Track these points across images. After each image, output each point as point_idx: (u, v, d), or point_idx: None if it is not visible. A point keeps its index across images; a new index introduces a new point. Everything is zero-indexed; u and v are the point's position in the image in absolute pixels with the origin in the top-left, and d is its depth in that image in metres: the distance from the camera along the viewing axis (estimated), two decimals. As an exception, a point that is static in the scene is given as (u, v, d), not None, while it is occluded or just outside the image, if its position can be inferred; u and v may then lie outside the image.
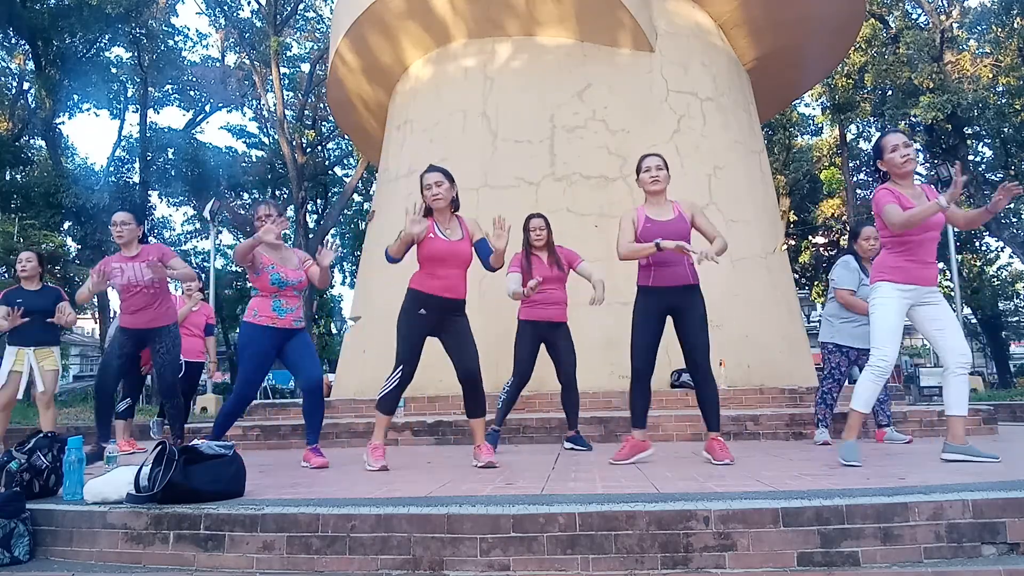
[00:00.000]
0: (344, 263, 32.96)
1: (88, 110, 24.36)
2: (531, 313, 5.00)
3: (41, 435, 3.49)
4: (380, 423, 4.14)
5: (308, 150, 24.70)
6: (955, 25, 21.75)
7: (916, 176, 3.97)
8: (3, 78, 23.26)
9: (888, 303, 3.80)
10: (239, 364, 4.50)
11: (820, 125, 27.19)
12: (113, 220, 5.13)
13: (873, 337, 3.84)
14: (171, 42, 25.27)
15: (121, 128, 24.88)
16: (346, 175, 28.67)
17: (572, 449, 5.04)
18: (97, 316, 25.34)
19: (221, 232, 26.65)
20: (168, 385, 5.18)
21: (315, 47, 26.08)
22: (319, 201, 29.22)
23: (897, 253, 3.85)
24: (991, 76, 20.92)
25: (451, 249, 4.07)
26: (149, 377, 7.37)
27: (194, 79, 25.85)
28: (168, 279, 5.21)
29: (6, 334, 5.79)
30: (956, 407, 3.74)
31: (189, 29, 44.66)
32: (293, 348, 4.48)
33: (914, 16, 23.14)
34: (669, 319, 4.13)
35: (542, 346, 5.08)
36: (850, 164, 25.27)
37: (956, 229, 20.23)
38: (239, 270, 23.29)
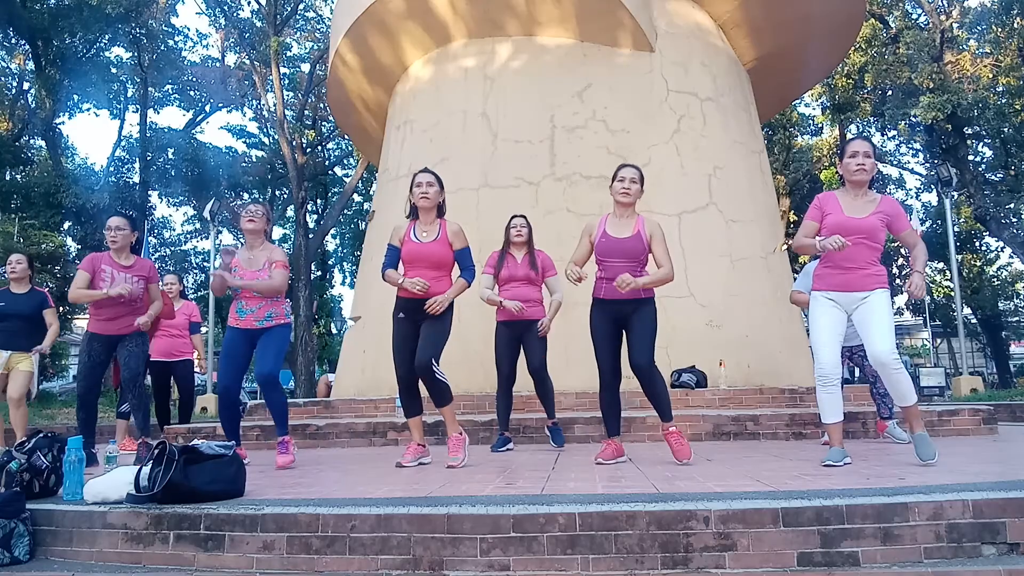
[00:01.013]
0: (344, 263, 32.98)
1: (88, 110, 24.35)
2: (501, 314, 5.15)
3: (41, 435, 3.49)
4: (409, 425, 4.38)
5: (308, 150, 24.68)
6: (955, 25, 21.73)
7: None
8: (3, 78, 23.25)
9: (815, 311, 3.90)
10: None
11: (820, 125, 27.16)
12: (108, 225, 5.06)
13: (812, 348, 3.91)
14: (171, 42, 25.24)
15: (121, 128, 24.89)
16: (346, 175, 28.67)
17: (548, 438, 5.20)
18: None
19: (221, 232, 26.61)
20: (130, 376, 5.08)
21: (315, 47, 26.06)
22: (319, 201, 29.21)
23: (820, 260, 3.94)
24: (991, 76, 20.90)
25: (420, 250, 4.18)
26: (148, 377, 7.39)
27: (194, 79, 25.83)
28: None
29: None
30: (901, 400, 3.81)
31: (189, 29, 44.57)
32: (258, 345, 4.58)
33: (914, 16, 23.12)
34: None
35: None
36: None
37: (956, 229, 20.29)
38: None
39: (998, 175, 23.14)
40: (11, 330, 5.61)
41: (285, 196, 27.63)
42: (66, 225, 22.21)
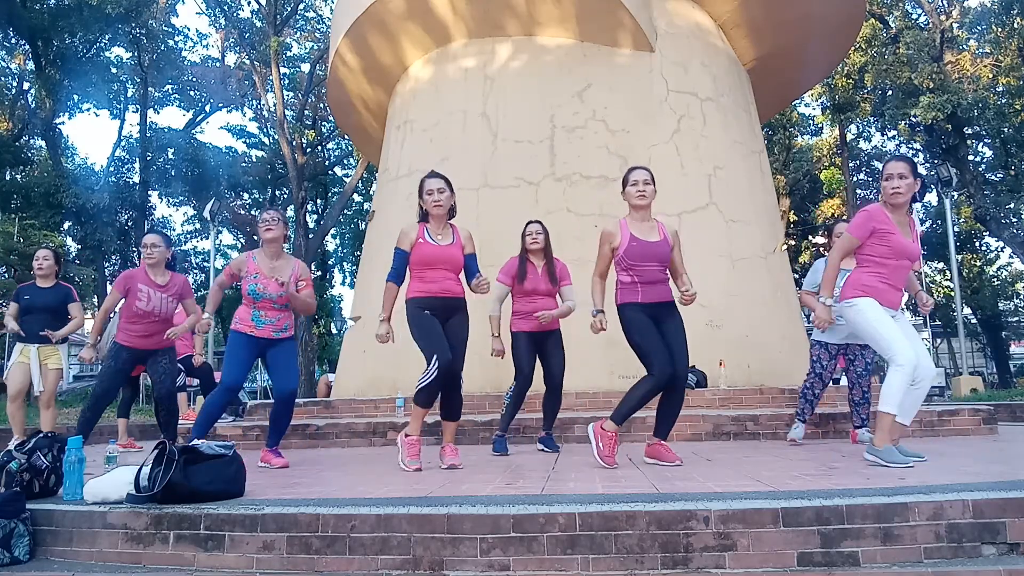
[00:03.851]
0: (344, 263, 32.97)
1: (88, 110, 24.37)
2: (523, 324, 5.05)
3: (41, 435, 3.49)
4: (415, 415, 4.16)
5: (308, 150, 24.68)
6: (955, 25, 21.73)
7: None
8: (3, 78, 23.26)
9: (876, 313, 3.82)
10: (223, 366, 4.53)
11: (820, 125, 27.18)
12: (144, 242, 5.14)
13: (886, 347, 3.77)
14: (171, 42, 25.25)
15: (121, 128, 24.90)
16: (346, 175, 28.67)
17: (542, 450, 5.09)
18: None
19: (221, 232, 26.65)
20: (166, 393, 5.22)
21: (315, 47, 26.07)
22: (319, 201, 29.21)
23: (872, 273, 3.89)
24: (991, 76, 20.91)
25: (440, 253, 4.13)
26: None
27: (194, 79, 25.85)
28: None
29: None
30: (907, 416, 3.82)
31: (189, 29, 44.65)
32: (273, 357, 4.59)
33: (914, 16, 23.12)
34: None
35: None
36: (850, 164, 25.28)
37: (956, 229, 20.30)
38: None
39: (998, 175, 23.14)
40: (36, 323, 5.73)
41: (285, 196, 27.63)
42: (66, 225, 22.23)
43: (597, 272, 4.13)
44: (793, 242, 26.44)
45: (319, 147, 26.82)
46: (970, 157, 22.17)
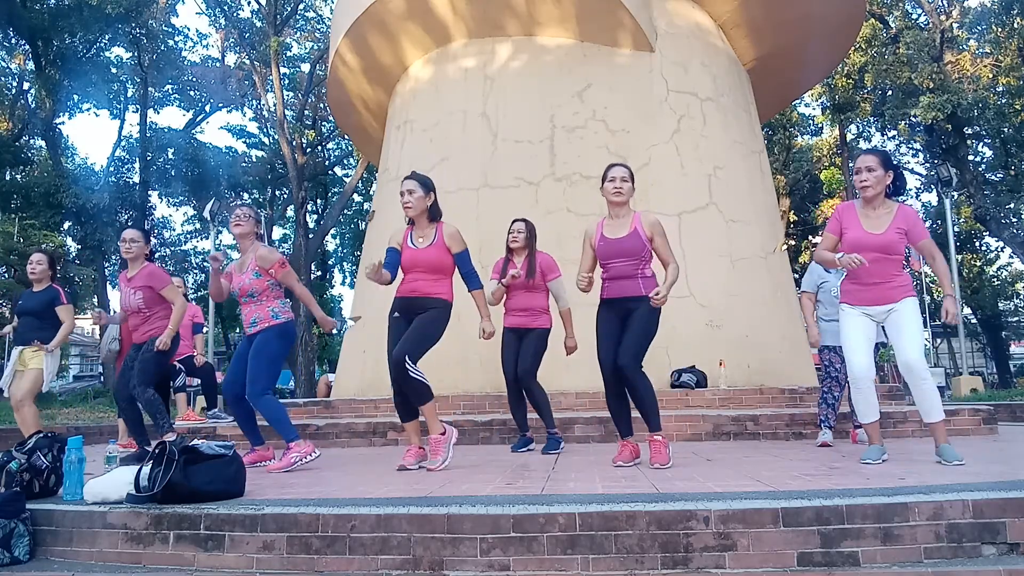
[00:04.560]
0: (344, 263, 32.98)
1: (88, 110, 24.37)
2: (507, 320, 5.17)
3: (41, 435, 3.49)
4: (407, 430, 4.30)
5: (308, 150, 24.68)
6: (955, 25, 21.74)
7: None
8: (3, 78, 23.25)
9: (845, 321, 3.99)
10: None
11: (820, 125, 27.20)
12: (122, 237, 5.14)
13: (844, 355, 4.03)
14: (171, 42, 25.25)
15: (121, 128, 24.89)
16: (346, 175, 28.68)
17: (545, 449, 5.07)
18: (97, 316, 25.31)
19: (221, 232, 26.64)
20: (135, 384, 4.99)
21: (315, 47, 26.08)
22: (319, 201, 29.23)
23: (847, 277, 3.99)
24: (991, 76, 20.92)
25: (415, 257, 4.13)
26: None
27: (194, 79, 25.85)
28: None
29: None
30: (926, 415, 3.85)
31: (189, 29, 44.69)
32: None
33: (914, 16, 23.13)
34: None
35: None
36: (850, 164, 25.27)
37: (956, 229, 20.31)
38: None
39: (998, 175, 23.15)
40: (24, 327, 5.73)
41: (285, 196, 27.65)
42: (66, 225, 22.23)
43: (580, 270, 4.14)
44: (793, 242, 26.42)
45: (319, 147, 26.83)
46: (970, 157, 22.17)
